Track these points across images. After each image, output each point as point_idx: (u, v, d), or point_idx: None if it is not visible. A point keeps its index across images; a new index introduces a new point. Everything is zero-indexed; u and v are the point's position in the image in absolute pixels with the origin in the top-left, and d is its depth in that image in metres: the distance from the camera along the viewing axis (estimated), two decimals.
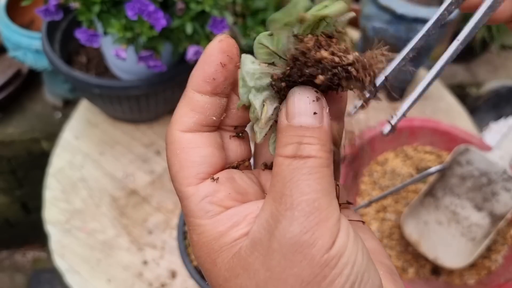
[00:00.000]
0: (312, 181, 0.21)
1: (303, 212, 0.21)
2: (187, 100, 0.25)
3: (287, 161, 0.22)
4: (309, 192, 0.21)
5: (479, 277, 0.72)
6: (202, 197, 0.23)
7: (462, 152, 0.70)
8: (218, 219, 0.23)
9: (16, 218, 1.36)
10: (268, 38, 0.23)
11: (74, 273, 0.73)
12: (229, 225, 0.23)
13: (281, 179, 0.22)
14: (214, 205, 0.23)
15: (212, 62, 0.24)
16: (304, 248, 0.20)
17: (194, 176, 0.24)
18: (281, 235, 0.21)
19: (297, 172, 0.21)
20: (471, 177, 0.71)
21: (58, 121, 1.11)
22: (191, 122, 0.24)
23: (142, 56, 0.70)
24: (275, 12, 0.23)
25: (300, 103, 0.23)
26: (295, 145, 0.22)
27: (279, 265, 0.21)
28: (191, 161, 0.24)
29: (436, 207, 0.74)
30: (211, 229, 0.23)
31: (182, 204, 0.24)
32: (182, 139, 0.24)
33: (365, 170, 0.82)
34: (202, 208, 0.23)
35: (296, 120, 0.22)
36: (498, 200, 0.70)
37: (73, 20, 0.87)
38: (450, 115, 1.00)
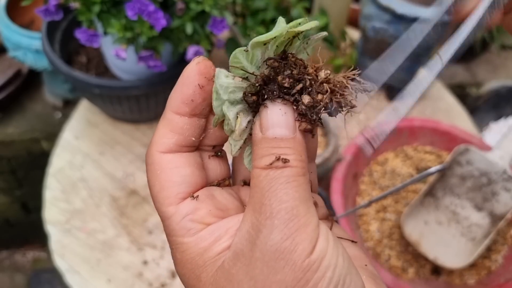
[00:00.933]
0: (290, 189, 0.22)
1: (283, 219, 0.21)
2: (166, 121, 0.25)
3: (264, 172, 0.22)
4: (287, 200, 0.22)
5: (479, 277, 0.72)
6: (183, 216, 0.24)
7: (462, 152, 0.70)
8: (200, 236, 0.23)
9: (16, 218, 1.36)
10: (244, 53, 0.24)
11: (74, 273, 0.73)
12: (211, 240, 0.23)
13: (259, 190, 0.22)
14: (196, 222, 0.24)
15: (190, 84, 0.25)
16: (286, 255, 0.21)
17: (174, 196, 0.24)
18: (262, 244, 0.21)
19: (275, 181, 0.22)
20: (471, 177, 0.71)
21: (58, 121, 1.11)
22: (170, 143, 0.25)
23: (142, 56, 0.70)
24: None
25: (272, 115, 0.23)
26: (271, 156, 0.22)
27: (262, 273, 0.21)
28: (172, 181, 0.25)
29: (436, 207, 0.74)
30: (194, 246, 0.23)
31: (164, 224, 0.25)
32: (162, 160, 0.25)
33: (365, 170, 0.82)
34: (183, 227, 0.24)
35: (270, 131, 0.23)
36: (498, 200, 0.70)
37: (73, 20, 0.87)
38: (450, 115, 1.00)
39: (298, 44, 0.25)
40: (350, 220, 0.72)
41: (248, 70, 0.24)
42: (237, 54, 0.24)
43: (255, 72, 0.24)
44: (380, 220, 0.77)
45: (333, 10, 0.90)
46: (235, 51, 0.24)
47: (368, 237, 0.75)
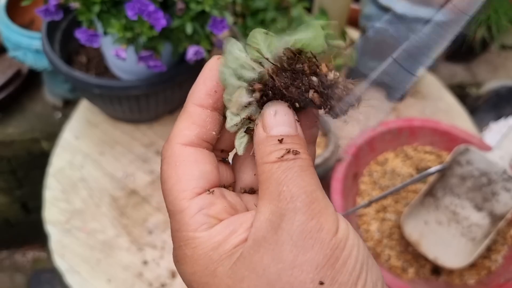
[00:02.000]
0: (305, 176, 0.23)
1: (305, 202, 0.22)
2: (187, 114, 0.25)
3: (276, 165, 0.23)
4: (305, 185, 0.22)
5: (479, 277, 0.72)
6: (197, 210, 0.24)
7: (462, 152, 0.70)
8: (214, 230, 0.23)
9: (16, 218, 1.36)
10: (263, 35, 0.24)
11: (74, 273, 0.73)
12: (226, 233, 0.23)
13: (274, 180, 0.23)
14: (210, 217, 0.24)
15: (213, 76, 0.25)
16: (313, 234, 0.21)
17: (191, 190, 0.24)
18: (288, 226, 0.21)
19: (289, 171, 0.23)
20: (471, 177, 0.71)
21: (58, 121, 1.11)
22: (192, 135, 0.25)
23: (142, 56, 0.70)
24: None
25: (277, 115, 0.24)
26: (280, 151, 0.23)
27: (291, 254, 0.21)
28: (191, 174, 0.24)
29: (436, 207, 0.74)
30: (208, 240, 0.23)
31: (174, 219, 0.24)
32: (183, 152, 0.25)
33: (365, 170, 0.82)
34: (197, 221, 0.23)
35: (275, 130, 0.24)
36: (498, 200, 0.70)
37: (73, 20, 0.87)
38: (450, 115, 1.00)
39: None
40: (350, 220, 0.72)
41: (263, 53, 0.24)
42: (256, 34, 0.24)
43: (269, 58, 0.24)
44: (380, 220, 0.77)
45: (333, 10, 0.90)
46: (255, 30, 0.24)
47: (368, 237, 0.75)
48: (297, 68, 0.24)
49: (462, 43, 1.23)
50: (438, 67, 1.32)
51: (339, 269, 0.21)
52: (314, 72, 0.24)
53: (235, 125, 0.25)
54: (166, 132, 0.91)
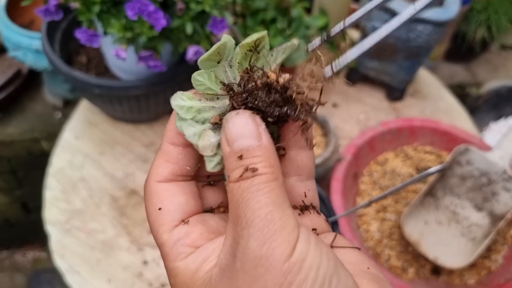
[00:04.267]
0: (261, 196, 0.22)
1: (257, 227, 0.21)
2: (161, 152, 0.26)
3: (236, 185, 0.23)
4: (259, 207, 0.22)
5: (479, 277, 0.72)
6: (175, 241, 0.25)
7: (462, 152, 0.70)
8: (189, 259, 0.24)
9: (16, 218, 1.36)
10: (204, 75, 0.25)
11: (74, 273, 0.73)
12: (199, 261, 0.24)
13: (234, 202, 0.23)
14: (187, 246, 0.24)
15: None
16: (264, 261, 0.21)
17: (168, 223, 0.25)
18: (241, 254, 0.21)
19: (246, 192, 0.22)
20: (471, 177, 0.71)
21: (58, 121, 1.11)
22: (166, 172, 0.26)
23: (142, 56, 0.70)
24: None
25: (235, 128, 0.23)
26: (240, 168, 0.23)
27: (244, 283, 0.21)
28: (167, 209, 0.25)
29: (436, 207, 0.74)
30: (184, 269, 0.24)
31: (160, 251, 0.26)
32: (158, 188, 0.26)
33: (365, 170, 0.82)
34: (175, 251, 0.24)
35: (235, 145, 0.23)
36: (498, 200, 0.70)
37: (73, 20, 0.87)
38: (450, 115, 1.00)
39: (265, 57, 0.25)
40: (350, 220, 0.72)
41: (214, 89, 0.25)
42: (196, 77, 0.25)
43: (219, 90, 0.25)
44: (380, 220, 0.77)
45: (333, 10, 0.90)
46: (193, 75, 0.25)
47: (368, 237, 0.75)
48: (251, 87, 0.24)
49: (462, 43, 1.23)
50: (438, 67, 1.32)
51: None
52: (266, 83, 0.24)
53: (217, 165, 0.26)
54: None
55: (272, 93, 0.24)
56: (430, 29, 0.82)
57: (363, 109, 0.98)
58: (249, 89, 0.24)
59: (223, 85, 0.25)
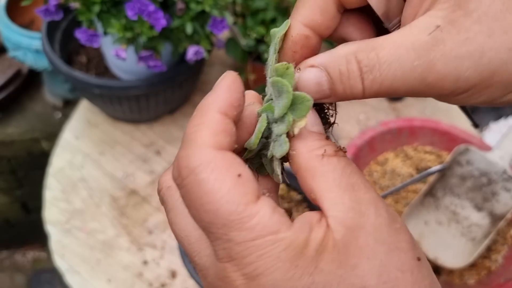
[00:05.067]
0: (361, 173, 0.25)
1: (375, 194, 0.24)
2: (213, 121, 0.23)
3: (335, 159, 0.24)
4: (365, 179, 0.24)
5: (479, 277, 0.72)
6: (272, 211, 0.21)
7: (462, 152, 0.70)
8: (296, 229, 0.21)
9: (16, 218, 1.36)
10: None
11: (74, 273, 0.73)
12: (307, 230, 0.22)
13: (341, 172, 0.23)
14: (284, 216, 0.22)
15: (238, 88, 0.24)
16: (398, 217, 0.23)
17: (252, 192, 0.22)
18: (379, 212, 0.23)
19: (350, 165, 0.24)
20: (471, 177, 0.71)
21: (58, 121, 1.11)
22: (226, 141, 0.22)
23: (142, 56, 0.70)
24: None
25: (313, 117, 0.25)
26: (332, 146, 0.24)
27: (390, 236, 0.22)
28: (247, 175, 0.22)
29: (436, 207, 0.74)
30: (296, 239, 0.21)
31: (242, 229, 0.21)
32: (225, 155, 0.22)
33: (365, 170, 0.82)
34: (277, 221, 0.21)
35: (315, 128, 0.25)
36: (498, 200, 0.70)
37: (73, 20, 0.87)
38: (450, 115, 1.00)
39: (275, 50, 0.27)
40: None
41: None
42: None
43: None
44: None
45: None
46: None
47: None
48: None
49: None
50: None
51: None
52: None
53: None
54: (166, 132, 0.91)
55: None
56: None
57: (363, 109, 0.98)
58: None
59: None
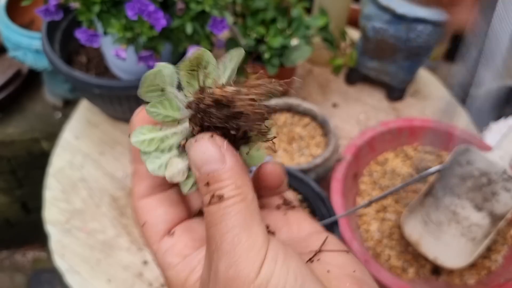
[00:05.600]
0: (228, 220, 0.23)
1: (225, 250, 0.22)
2: (134, 171, 0.28)
3: (207, 209, 0.24)
4: (226, 231, 0.23)
5: (479, 277, 0.72)
6: (163, 252, 0.26)
7: (462, 152, 0.70)
8: (178, 268, 0.26)
9: (16, 218, 1.36)
10: (157, 105, 0.25)
11: (74, 273, 0.73)
12: (187, 270, 0.26)
13: (207, 225, 0.24)
14: (175, 256, 0.26)
15: None
16: (232, 283, 0.22)
17: (155, 236, 0.27)
18: (213, 275, 0.23)
19: (215, 216, 0.23)
20: (471, 177, 0.71)
21: (58, 121, 1.11)
22: (142, 189, 0.28)
23: (142, 56, 0.70)
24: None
25: (197, 155, 0.24)
26: (207, 195, 0.24)
27: None
28: (149, 223, 0.27)
29: (436, 207, 0.74)
30: (176, 277, 0.26)
31: (154, 258, 0.28)
32: (139, 205, 0.28)
33: (365, 170, 0.82)
34: (165, 261, 0.26)
35: (203, 170, 0.24)
36: (498, 200, 0.70)
37: (73, 20, 0.87)
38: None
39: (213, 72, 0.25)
40: (350, 220, 0.72)
41: (176, 117, 0.25)
42: (150, 110, 0.25)
43: (183, 115, 0.25)
44: (380, 220, 0.77)
45: (333, 10, 0.90)
46: (146, 108, 0.25)
47: (368, 237, 0.75)
48: (203, 107, 0.24)
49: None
50: (438, 67, 1.32)
51: None
52: (215, 100, 0.23)
53: (193, 186, 0.26)
54: None
55: (223, 108, 0.23)
56: (430, 29, 0.82)
57: (363, 109, 0.98)
58: (202, 109, 0.24)
59: (178, 110, 0.25)
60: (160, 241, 0.27)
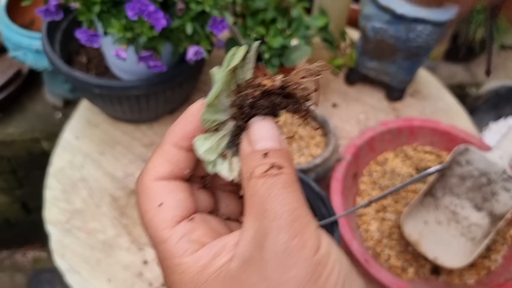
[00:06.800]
0: (288, 194, 0.23)
1: (287, 220, 0.22)
2: (163, 152, 0.27)
3: (260, 181, 0.23)
4: (288, 203, 0.23)
5: (479, 277, 0.72)
6: (180, 237, 0.25)
7: (462, 152, 0.70)
8: (198, 255, 0.24)
9: (16, 218, 1.36)
10: (207, 111, 0.26)
11: (74, 273, 0.73)
12: (210, 256, 0.24)
13: (258, 198, 0.23)
14: (192, 242, 0.25)
15: (193, 121, 0.26)
16: (296, 252, 0.22)
17: (170, 219, 0.25)
18: (272, 245, 0.22)
19: (273, 187, 0.23)
20: (471, 177, 0.71)
21: (58, 121, 1.11)
22: (165, 172, 0.26)
23: (142, 56, 0.70)
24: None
25: (260, 130, 0.25)
26: (265, 165, 0.24)
27: (275, 272, 0.22)
28: (168, 205, 0.25)
29: (436, 207, 0.74)
30: (193, 265, 0.24)
31: (158, 249, 0.25)
32: (156, 185, 0.26)
33: (365, 170, 0.82)
34: (181, 247, 0.24)
35: (259, 145, 0.25)
36: (497, 200, 0.70)
37: (73, 20, 0.87)
38: (450, 115, 1.00)
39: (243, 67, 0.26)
40: (350, 220, 0.73)
41: (222, 119, 0.26)
42: (202, 117, 0.26)
43: (228, 115, 0.26)
44: (380, 220, 0.77)
45: (333, 10, 0.90)
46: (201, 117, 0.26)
47: (368, 237, 0.75)
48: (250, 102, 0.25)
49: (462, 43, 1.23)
50: (438, 67, 1.32)
51: (322, 285, 0.22)
52: (264, 91, 0.25)
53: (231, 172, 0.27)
54: None
55: (272, 96, 0.25)
56: (429, 29, 0.83)
57: (363, 109, 0.98)
58: (249, 103, 0.25)
59: (223, 111, 0.26)
60: (174, 226, 0.25)
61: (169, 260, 0.25)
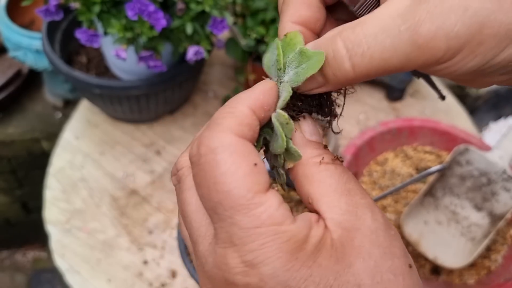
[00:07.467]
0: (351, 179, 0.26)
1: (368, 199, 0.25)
2: (243, 113, 0.24)
3: (332, 166, 0.26)
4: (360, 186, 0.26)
5: (479, 276, 0.72)
6: (279, 203, 0.22)
7: (462, 152, 0.70)
8: (298, 224, 0.23)
9: (16, 218, 1.36)
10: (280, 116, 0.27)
11: (74, 273, 0.73)
12: (308, 227, 0.23)
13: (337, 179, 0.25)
14: (289, 211, 0.23)
15: (273, 95, 0.26)
16: (391, 224, 0.25)
17: (264, 183, 0.23)
18: (374, 216, 0.24)
19: (347, 173, 0.26)
20: (471, 177, 0.71)
21: (58, 121, 1.11)
22: (248, 134, 0.24)
23: (142, 56, 0.70)
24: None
25: (311, 126, 0.27)
26: (329, 155, 0.26)
27: (386, 240, 0.24)
28: (262, 166, 0.23)
29: (436, 207, 0.74)
30: (298, 233, 0.22)
31: (249, 215, 0.22)
32: (246, 144, 0.23)
33: (365, 170, 0.82)
34: (282, 214, 0.22)
35: (314, 137, 0.27)
36: (497, 200, 0.70)
37: (73, 20, 0.87)
38: (450, 115, 1.00)
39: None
40: None
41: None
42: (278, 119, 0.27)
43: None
44: None
45: None
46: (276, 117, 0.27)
47: None
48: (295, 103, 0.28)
49: None
50: None
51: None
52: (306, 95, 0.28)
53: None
54: (166, 132, 0.91)
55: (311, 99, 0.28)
56: None
57: (362, 109, 0.98)
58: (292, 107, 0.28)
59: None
60: (266, 192, 0.22)
61: (269, 227, 0.22)
